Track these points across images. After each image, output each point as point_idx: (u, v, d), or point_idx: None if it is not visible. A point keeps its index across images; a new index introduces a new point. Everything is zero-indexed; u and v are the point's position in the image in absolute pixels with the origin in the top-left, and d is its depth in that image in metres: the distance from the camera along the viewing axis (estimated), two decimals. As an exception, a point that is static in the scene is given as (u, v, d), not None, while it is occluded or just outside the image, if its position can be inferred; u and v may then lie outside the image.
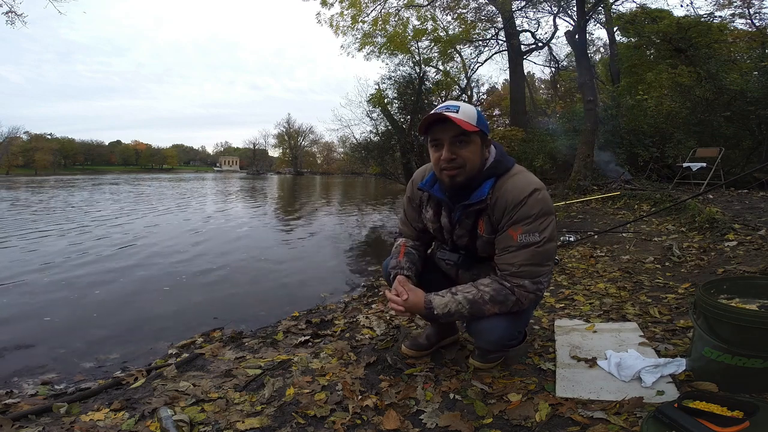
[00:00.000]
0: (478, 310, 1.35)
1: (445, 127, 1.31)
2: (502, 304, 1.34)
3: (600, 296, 2.50)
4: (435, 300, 1.38)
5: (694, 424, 1.01)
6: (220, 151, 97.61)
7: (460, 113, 1.30)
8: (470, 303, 1.35)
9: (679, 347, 1.67)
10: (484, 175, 1.37)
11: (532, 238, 1.30)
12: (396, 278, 1.50)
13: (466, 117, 1.30)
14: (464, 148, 1.33)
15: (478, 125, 1.32)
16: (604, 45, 17.63)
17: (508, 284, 1.34)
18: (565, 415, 1.27)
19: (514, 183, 1.34)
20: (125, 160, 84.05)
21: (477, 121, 1.32)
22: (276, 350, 2.02)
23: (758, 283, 1.52)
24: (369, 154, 16.23)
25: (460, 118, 1.29)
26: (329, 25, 14.20)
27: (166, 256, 5.03)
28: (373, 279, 3.97)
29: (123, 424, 1.34)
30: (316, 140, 66.56)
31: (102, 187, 21.52)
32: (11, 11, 10.06)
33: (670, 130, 8.70)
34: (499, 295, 1.34)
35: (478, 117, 1.34)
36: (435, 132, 1.34)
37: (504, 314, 1.38)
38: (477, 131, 1.32)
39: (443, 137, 1.33)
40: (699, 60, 9.30)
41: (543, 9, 13.63)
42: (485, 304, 1.34)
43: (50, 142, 68.59)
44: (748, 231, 3.52)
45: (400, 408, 1.39)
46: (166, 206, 11.47)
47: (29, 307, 3.19)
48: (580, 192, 7.41)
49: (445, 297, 1.37)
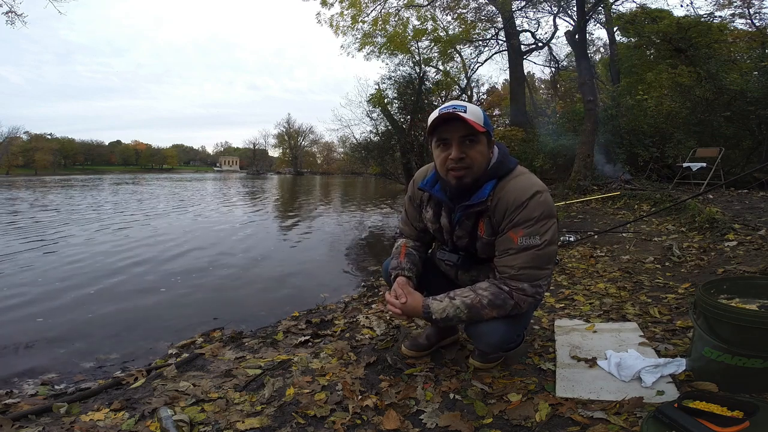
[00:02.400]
0: (476, 314, 1.34)
1: (455, 126, 1.29)
2: (500, 308, 1.33)
3: (600, 296, 2.50)
4: (433, 305, 1.37)
5: (694, 424, 1.01)
6: (220, 151, 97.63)
7: (468, 113, 1.28)
8: (468, 308, 1.34)
9: (679, 347, 1.67)
10: (486, 176, 1.36)
11: (533, 240, 1.29)
12: (396, 280, 1.50)
13: (475, 117, 1.29)
14: (472, 149, 1.31)
15: (485, 126, 1.31)
16: (604, 45, 17.65)
17: (507, 288, 1.32)
18: (565, 415, 1.27)
19: (515, 185, 1.33)
20: (125, 160, 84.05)
21: (484, 122, 1.31)
22: (276, 350, 2.02)
23: (758, 283, 1.52)
24: (369, 154, 16.23)
25: (470, 118, 1.27)
26: (329, 25, 14.23)
27: (165, 256, 5.03)
28: (373, 279, 3.96)
29: (123, 424, 1.34)
30: (316, 140, 66.72)
31: (121, 187, 21.50)
32: (11, 11, 10.07)
33: (670, 130, 8.70)
34: (497, 299, 1.32)
35: (485, 117, 1.33)
36: (443, 131, 1.32)
37: (503, 318, 1.36)
38: (484, 132, 1.31)
39: (452, 136, 1.31)
40: (699, 60, 9.30)
41: (543, 9, 13.65)
42: (483, 308, 1.33)
43: (50, 142, 68.59)
44: (748, 231, 3.52)
45: (400, 408, 1.39)
46: (166, 206, 11.48)
47: (33, 306, 3.19)
48: (580, 192, 7.41)
49: (443, 302, 1.36)
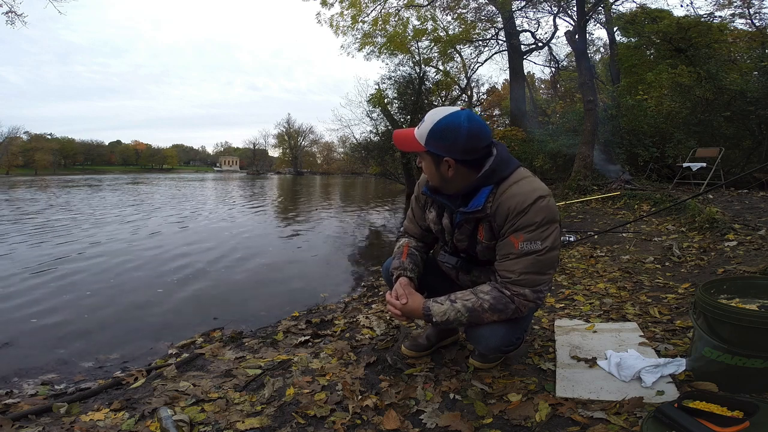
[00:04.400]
0: (476, 318, 1.33)
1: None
2: (501, 312, 1.32)
3: (600, 296, 2.50)
4: (434, 307, 1.36)
5: (694, 424, 1.01)
6: (220, 151, 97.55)
7: (418, 128, 1.32)
8: (469, 311, 1.32)
9: (679, 347, 1.67)
10: (478, 183, 1.33)
11: (534, 246, 1.26)
12: (398, 280, 1.50)
13: (418, 133, 1.31)
14: (422, 163, 1.38)
15: (426, 144, 1.29)
16: (604, 45, 17.62)
17: (509, 292, 1.30)
18: (565, 415, 1.27)
19: (517, 189, 1.29)
20: (125, 160, 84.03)
21: (426, 140, 1.28)
22: (276, 350, 2.02)
23: (758, 283, 1.52)
24: (369, 154, 16.27)
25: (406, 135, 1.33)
26: (329, 25, 14.24)
27: (164, 255, 5.03)
28: (373, 279, 3.96)
29: (123, 424, 1.34)
30: (316, 140, 66.68)
31: (120, 187, 21.49)
32: (11, 11, 10.06)
33: (670, 130, 8.69)
34: (498, 303, 1.31)
35: (433, 133, 1.27)
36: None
37: (503, 321, 1.36)
38: (424, 151, 1.32)
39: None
40: (699, 60, 9.30)
41: (543, 9, 13.64)
42: (484, 312, 1.32)
43: (50, 142, 68.57)
44: (748, 231, 3.52)
45: (400, 408, 1.39)
46: (158, 206, 11.48)
47: (37, 306, 3.19)
48: (580, 192, 7.40)
49: (444, 304, 1.35)
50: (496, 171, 1.31)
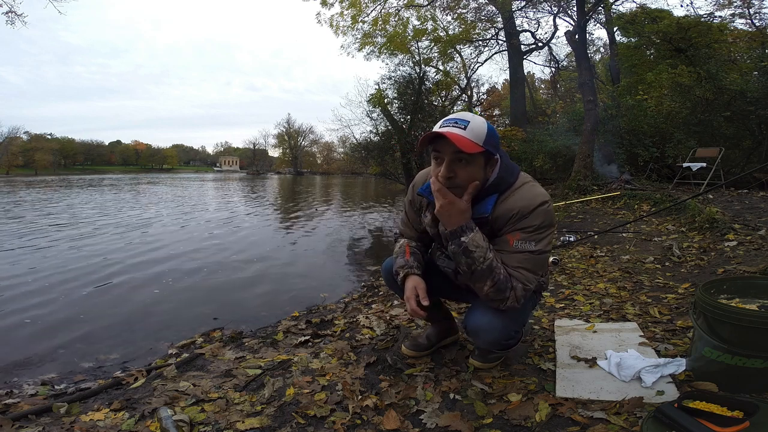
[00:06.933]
0: (481, 277, 1.29)
1: (448, 142, 1.24)
2: (499, 292, 1.30)
3: (600, 296, 2.50)
4: (475, 236, 1.29)
5: (694, 424, 1.01)
6: (220, 151, 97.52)
7: (467, 130, 1.23)
8: (488, 266, 1.28)
9: (679, 347, 1.67)
10: (486, 191, 1.33)
11: (528, 245, 1.29)
12: (409, 278, 1.47)
13: (473, 135, 1.24)
14: (463, 168, 1.27)
15: (484, 144, 1.25)
16: (604, 45, 17.69)
17: (510, 283, 1.31)
18: (565, 415, 1.27)
19: (521, 194, 1.31)
20: (125, 160, 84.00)
21: (484, 140, 1.25)
22: (276, 350, 2.02)
23: (758, 283, 1.52)
24: (369, 154, 16.27)
25: (464, 137, 1.22)
26: (329, 25, 14.26)
27: (164, 255, 5.03)
28: (373, 279, 3.96)
29: (123, 424, 1.34)
30: (316, 140, 66.61)
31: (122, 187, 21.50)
32: (11, 11, 10.06)
33: (670, 130, 8.70)
34: (503, 284, 1.29)
35: (488, 134, 1.26)
36: (437, 145, 1.29)
37: (500, 313, 1.37)
38: (481, 151, 1.25)
39: (443, 153, 1.27)
40: (699, 60, 9.29)
41: (543, 9, 13.67)
42: (491, 279, 1.29)
43: (50, 142, 68.54)
44: (748, 231, 3.52)
45: (400, 408, 1.39)
46: (161, 206, 11.48)
47: (39, 308, 3.19)
48: (580, 192, 7.40)
49: (483, 243, 1.30)
50: (504, 178, 1.34)
